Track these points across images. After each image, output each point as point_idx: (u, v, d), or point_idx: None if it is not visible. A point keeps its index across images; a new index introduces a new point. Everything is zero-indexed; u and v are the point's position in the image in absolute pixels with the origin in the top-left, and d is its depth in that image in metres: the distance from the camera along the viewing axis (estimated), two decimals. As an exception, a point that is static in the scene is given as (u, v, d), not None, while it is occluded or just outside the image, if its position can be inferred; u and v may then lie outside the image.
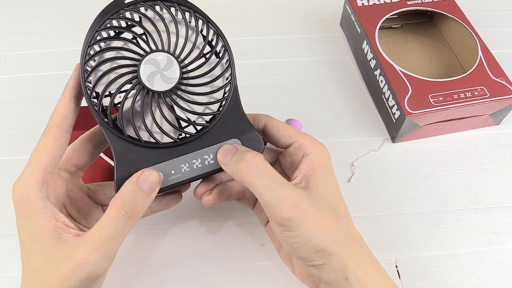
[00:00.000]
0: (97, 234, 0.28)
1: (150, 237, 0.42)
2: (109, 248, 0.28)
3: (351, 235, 0.32)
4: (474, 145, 0.49)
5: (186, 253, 0.41)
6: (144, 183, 0.29)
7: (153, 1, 0.30)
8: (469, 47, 0.52)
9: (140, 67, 0.30)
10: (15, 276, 0.40)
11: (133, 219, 0.29)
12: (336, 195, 0.33)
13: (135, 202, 0.28)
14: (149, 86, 0.30)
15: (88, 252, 0.27)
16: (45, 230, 0.28)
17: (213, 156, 0.32)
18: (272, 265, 0.41)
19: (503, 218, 0.44)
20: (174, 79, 0.30)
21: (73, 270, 0.27)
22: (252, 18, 0.62)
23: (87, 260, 0.27)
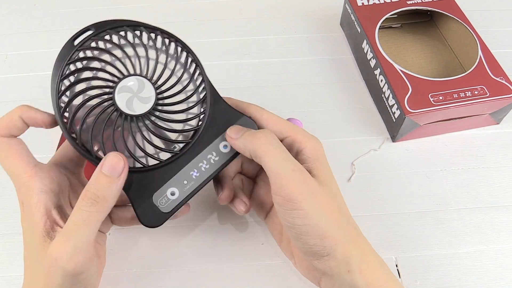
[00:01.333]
0: (66, 225, 0.28)
1: (150, 237, 0.42)
2: (78, 237, 0.27)
3: (352, 226, 0.32)
4: (474, 145, 0.49)
5: (186, 253, 0.41)
6: (106, 168, 0.28)
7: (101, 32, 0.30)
8: (469, 46, 0.52)
9: (115, 99, 0.29)
10: (15, 276, 0.40)
11: (98, 205, 0.28)
12: (336, 187, 0.33)
13: (97, 187, 0.28)
14: (131, 112, 0.30)
15: (59, 245, 0.27)
16: (36, 227, 0.28)
17: (216, 153, 0.33)
18: (272, 265, 0.41)
19: (503, 217, 0.44)
20: (152, 96, 0.31)
21: (50, 267, 0.27)
22: (252, 18, 0.62)
23: (59, 254, 0.27)
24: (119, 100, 0.29)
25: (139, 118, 0.30)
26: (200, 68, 0.34)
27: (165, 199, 0.32)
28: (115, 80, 0.30)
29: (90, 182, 0.28)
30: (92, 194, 0.28)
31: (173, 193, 0.32)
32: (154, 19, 0.61)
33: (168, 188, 0.32)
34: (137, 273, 0.40)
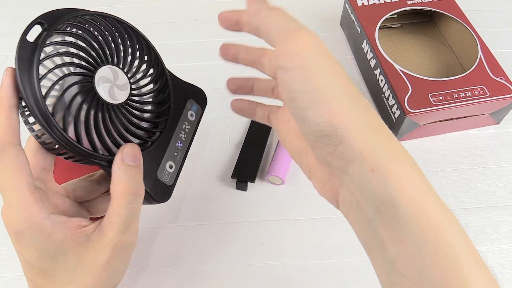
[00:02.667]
0: (119, 220, 0.28)
1: (150, 236, 0.42)
2: (135, 225, 0.29)
3: (371, 111, 0.25)
4: (474, 145, 0.49)
5: (186, 253, 0.41)
6: (129, 159, 0.28)
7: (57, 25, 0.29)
8: (469, 46, 0.52)
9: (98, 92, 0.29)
10: (15, 276, 0.40)
11: (140, 195, 0.29)
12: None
13: (133, 179, 0.28)
14: (116, 101, 0.30)
15: (119, 235, 0.28)
16: (64, 243, 0.27)
17: (188, 123, 0.37)
18: (272, 265, 0.41)
19: (503, 217, 0.44)
20: (126, 83, 0.32)
21: (112, 254, 0.28)
22: (252, 18, 0.62)
23: (122, 241, 0.28)
24: (102, 93, 0.30)
25: (124, 105, 0.31)
26: (153, 49, 0.35)
27: (166, 173, 0.34)
28: (90, 74, 0.30)
29: (123, 177, 0.28)
30: (135, 188, 0.28)
31: (171, 166, 0.34)
32: (154, 19, 0.61)
33: (166, 163, 0.34)
34: (137, 273, 0.40)
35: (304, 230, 0.43)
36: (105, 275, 0.28)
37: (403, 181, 0.23)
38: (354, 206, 0.25)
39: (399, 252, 0.23)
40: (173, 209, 0.44)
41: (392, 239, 0.23)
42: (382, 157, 0.23)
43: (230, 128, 0.50)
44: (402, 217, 0.23)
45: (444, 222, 0.23)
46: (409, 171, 0.24)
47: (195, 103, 0.38)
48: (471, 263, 0.22)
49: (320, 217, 0.44)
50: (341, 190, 0.26)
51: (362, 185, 0.24)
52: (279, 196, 0.45)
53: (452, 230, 0.23)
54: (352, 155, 0.24)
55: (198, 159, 0.48)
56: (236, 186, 0.45)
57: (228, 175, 0.46)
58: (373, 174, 0.23)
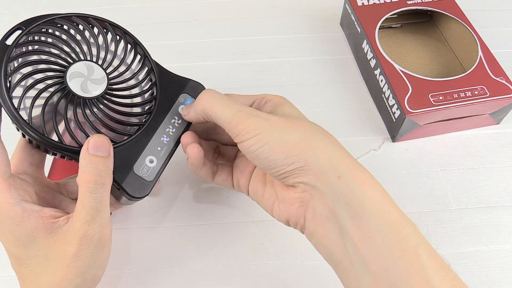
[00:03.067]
0: (83, 210, 0.28)
1: (150, 236, 0.42)
2: (101, 216, 0.29)
3: (329, 136, 0.31)
4: (474, 145, 0.49)
5: (186, 253, 0.41)
6: (94, 149, 0.29)
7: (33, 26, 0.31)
8: (469, 46, 0.52)
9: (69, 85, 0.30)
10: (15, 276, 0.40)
11: (106, 184, 0.29)
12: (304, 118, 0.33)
13: (98, 169, 0.29)
14: (88, 95, 0.31)
15: (85, 227, 0.28)
16: (35, 232, 0.28)
17: (178, 117, 0.36)
18: (272, 265, 0.41)
19: (503, 217, 0.44)
20: (103, 77, 0.32)
21: (79, 246, 0.28)
22: (252, 18, 0.62)
23: (87, 233, 0.28)
24: (73, 86, 0.30)
25: (98, 99, 0.32)
26: (140, 45, 0.36)
27: (146, 168, 0.33)
28: (62, 70, 0.31)
29: (86, 166, 0.29)
30: (97, 177, 0.29)
31: (151, 161, 0.34)
32: (154, 19, 0.61)
33: (145, 157, 0.34)
34: (137, 273, 0.40)
35: (304, 230, 0.43)
36: (75, 267, 0.28)
37: (366, 184, 0.27)
38: (324, 216, 0.28)
39: (369, 249, 0.26)
40: (173, 209, 0.44)
41: (362, 237, 0.26)
42: (343, 167, 0.27)
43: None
44: (369, 214, 0.26)
45: (402, 217, 0.27)
46: (368, 176, 0.28)
47: (189, 97, 0.37)
48: (426, 249, 0.26)
49: (320, 217, 0.44)
50: (311, 204, 0.29)
51: (332, 192, 0.27)
52: (279, 196, 0.45)
53: (408, 223, 0.27)
54: (318, 168, 0.27)
55: (198, 159, 0.48)
56: (236, 186, 0.45)
57: (228, 175, 0.46)
58: (340, 181, 0.27)
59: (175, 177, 0.46)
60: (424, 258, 0.25)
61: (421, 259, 0.25)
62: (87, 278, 0.29)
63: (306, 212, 0.29)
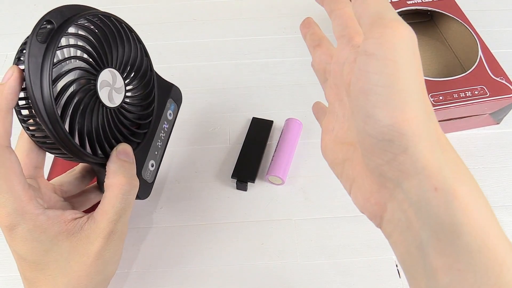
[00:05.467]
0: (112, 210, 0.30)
1: (150, 236, 0.42)
2: (127, 215, 0.31)
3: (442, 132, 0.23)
4: (474, 145, 0.49)
5: (186, 253, 0.41)
6: (124, 155, 0.31)
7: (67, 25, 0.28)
8: (469, 46, 0.52)
9: (100, 97, 0.30)
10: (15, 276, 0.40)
11: (135, 186, 0.31)
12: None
13: (130, 173, 0.31)
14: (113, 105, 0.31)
15: (111, 225, 0.30)
16: (59, 236, 0.29)
17: (166, 122, 0.38)
18: (272, 265, 0.41)
19: (503, 217, 0.44)
20: (122, 86, 0.32)
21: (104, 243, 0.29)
22: (252, 18, 0.62)
23: (113, 230, 0.30)
24: (103, 97, 0.30)
25: (118, 109, 0.32)
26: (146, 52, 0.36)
27: (148, 172, 0.35)
28: (93, 78, 0.30)
29: (119, 170, 0.30)
30: (130, 180, 0.31)
31: (152, 165, 0.36)
32: (154, 19, 0.61)
33: (149, 162, 0.35)
34: (137, 273, 0.40)
35: (304, 230, 0.43)
36: (97, 265, 0.29)
37: (469, 206, 0.20)
38: (403, 226, 0.22)
39: (452, 282, 0.21)
40: (173, 209, 0.44)
41: (447, 267, 0.21)
42: (448, 177, 0.20)
43: (230, 128, 0.50)
44: (464, 246, 0.20)
45: (510, 258, 0.21)
46: (475, 196, 0.21)
47: (173, 102, 0.39)
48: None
49: (320, 217, 0.44)
50: (390, 205, 0.23)
51: (420, 204, 0.21)
52: (279, 196, 0.45)
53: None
54: (413, 169, 0.21)
55: (198, 159, 0.48)
56: (236, 186, 0.45)
57: (228, 175, 0.46)
58: (436, 194, 0.20)
59: (175, 177, 0.46)
60: None
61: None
62: (107, 274, 0.31)
63: (383, 212, 0.24)
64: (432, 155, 0.21)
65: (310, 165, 0.47)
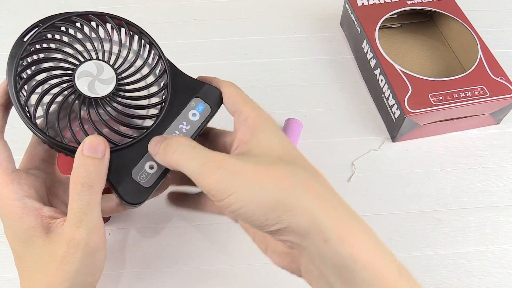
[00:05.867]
0: (71, 213, 0.28)
1: (150, 236, 0.42)
2: (88, 220, 0.28)
3: (316, 182, 0.26)
4: (474, 145, 0.49)
5: (186, 253, 0.41)
6: (89, 150, 0.28)
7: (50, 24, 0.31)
8: (469, 46, 0.52)
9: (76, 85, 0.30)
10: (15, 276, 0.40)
11: (95, 187, 0.28)
12: (287, 148, 0.28)
13: (88, 171, 0.28)
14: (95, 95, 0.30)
15: (71, 230, 0.27)
16: (32, 230, 0.28)
17: (187, 123, 0.34)
18: (272, 265, 0.41)
19: (503, 217, 0.44)
20: (113, 77, 0.31)
21: (67, 250, 0.27)
22: (252, 18, 0.62)
23: (74, 237, 0.27)
24: (80, 85, 0.30)
25: (105, 100, 0.31)
26: (155, 45, 0.35)
27: (144, 174, 0.32)
28: (73, 68, 0.30)
29: (77, 168, 0.28)
30: (85, 179, 0.28)
31: (151, 167, 0.32)
32: (154, 19, 0.61)
33: (146, 163, 0.32)
34: (137, 273, 0.40)
35: (304, 230, 0.43)
36: (63, 271, 0.28)
37: (355, 245, 0.25)
38: (316, 275, 0.26)
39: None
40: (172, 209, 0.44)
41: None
42: (330, 228, 0.25)
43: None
44: (361, 280, 0.24)
45: (397, 279, 0.25)
46: (359, 235, 0.25)
47: (202, 102, 0.35)
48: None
49: (320, 217, 0.44)
50: (302, 260, 0.27)
51: (320, 255, 0.25)
52: (279, 196, 0.45)
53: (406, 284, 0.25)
54: (304, 232, 0.25)
55: (198, 159, 0.48)
56: (236, 186, 0.45)
57: (228, 175, 0.46)
58: (326, 245, 0.24)
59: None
60: None
61: None
62: (76, 284, 0.29)
63: (299, 266, 0.28)
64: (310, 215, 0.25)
65: (310, 165, 0.47)
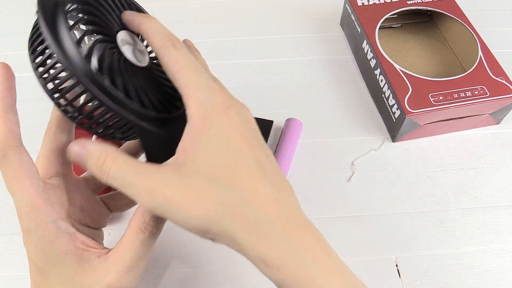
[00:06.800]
0: (126, 256, 0.27)
1: (151, 236, 0.42)
2: (139, 267, 0.28)
3: (246, 207, 0.25)
4: (474, 144, 0.49)
5: (186, 253, 0.41)
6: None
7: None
8: (469, 46, 0.52)
9: (122, 51, 0.26)
10: (16, 276, 0.40)
11: (158, 234, 0.28)
12: (225, 165, 0.25)
13: (157, 219, 0.28)
14: (142, 64, 0.27)
15: (120, 275, 0.27)
16: (65, 255, 0.27)
17: None
18: (272, 265, 0.41)
19: (503, 217, 0.44)
20: (144, 49, 0.29)
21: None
22: (252, 18, 0.62)
23: (121, 282, 0.27)
24: (128, 54, 0.27)
25: (147, 70, 0.28)
26: None
27: None
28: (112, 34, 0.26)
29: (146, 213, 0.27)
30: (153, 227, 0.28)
31: None
32: (154, 19, 0.61)
33: None
34: (137, 273, 0.40)
35: (304, 230, 0.43)
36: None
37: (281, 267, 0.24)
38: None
39: None
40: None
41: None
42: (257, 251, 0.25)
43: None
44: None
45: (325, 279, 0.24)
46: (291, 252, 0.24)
47: None
48: None
49: (320, 217, 0.44)
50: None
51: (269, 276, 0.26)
52: (279, 196, 0.45)
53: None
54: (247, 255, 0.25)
55: (198, 159, 0.48)
56: (236, 186, 0.45)
57: (228, 175, 0.46)
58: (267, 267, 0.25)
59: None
60: None
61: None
62: None
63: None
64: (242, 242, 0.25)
65: (310, 165, 0.47)
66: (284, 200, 0.26)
